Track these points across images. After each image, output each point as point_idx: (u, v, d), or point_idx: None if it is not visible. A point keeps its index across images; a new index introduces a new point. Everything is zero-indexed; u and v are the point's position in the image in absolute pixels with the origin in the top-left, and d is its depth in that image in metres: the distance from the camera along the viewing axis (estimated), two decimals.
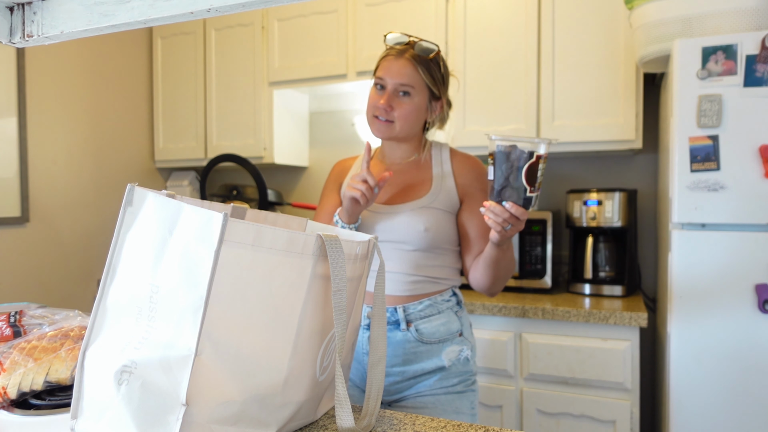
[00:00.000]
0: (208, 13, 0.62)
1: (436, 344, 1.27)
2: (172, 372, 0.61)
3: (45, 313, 1.02)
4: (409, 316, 1.27)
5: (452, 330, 1.29)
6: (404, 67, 1.26)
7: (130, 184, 0.68)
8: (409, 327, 1.27)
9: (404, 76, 1.25)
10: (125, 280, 0.67)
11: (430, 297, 1.28)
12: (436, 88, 1.29)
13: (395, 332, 1.28)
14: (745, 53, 1.50)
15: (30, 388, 0.80)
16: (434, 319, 1.28)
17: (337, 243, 0.73)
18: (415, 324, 1.27)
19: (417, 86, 1.26)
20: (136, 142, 2.97)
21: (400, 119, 1.27)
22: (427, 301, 1.28)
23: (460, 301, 1.35)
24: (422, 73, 1.26)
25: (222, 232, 0.61)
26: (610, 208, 2.06)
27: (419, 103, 1.28)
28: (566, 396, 1.87)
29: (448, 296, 1.31)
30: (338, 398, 0.74)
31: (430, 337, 1.27)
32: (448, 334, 1.28)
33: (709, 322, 1.55)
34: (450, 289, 1.32)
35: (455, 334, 1.30)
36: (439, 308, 1.29)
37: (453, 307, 1.31)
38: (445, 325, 1.28)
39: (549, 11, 2.13)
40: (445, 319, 1.29)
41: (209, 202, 0.84)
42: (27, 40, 0.74)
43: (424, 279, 1.28)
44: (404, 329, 1.27)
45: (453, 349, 1.29)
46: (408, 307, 1.27)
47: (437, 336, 1.27)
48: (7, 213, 2.35)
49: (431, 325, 1.27)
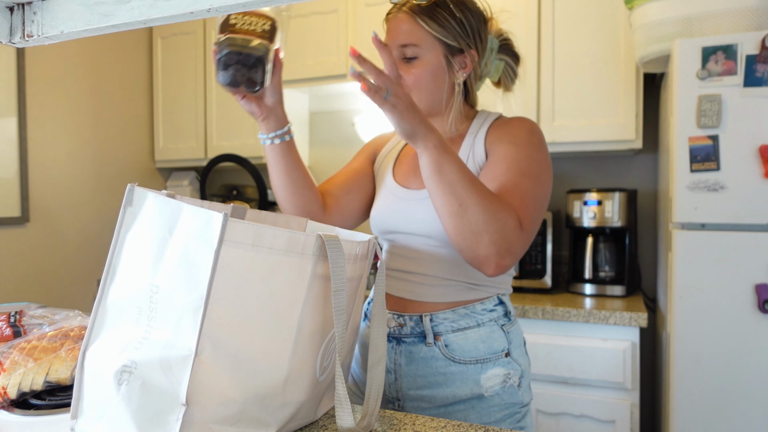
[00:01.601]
0: (208, 13, 0.62)
1: (472, 365, 1.01)
2: (172, 372, 0.61)
3: (45, 313, 1.02)
4: (437, 327, 1.02)
5: (495, 349, 1.02)
6: (401, 23, 1.01)
7: (130, 184, 0.68)
8: (437, 341, 1.02)
9: (402, 35, 1.01)
10: (125, 280, 0.67)
11: (466, 305, 1.03)
12: (452, 38, 1.02)
13: (419, 346, 1.03)
14: (745, 53, 1.50)
15: (30, 388, 0.80)
16: (471, 332, 1.02)
17: (337, 243, 0.73)
18: (445, 338, 1.02)
19: (422, 43, 1.01)
20: (136, 142, 2.97)
21: (413, 87, 1.02)
22: (462, 310, 1.02)
23: (509, 312, 1.07)
24: (425, 23, 1.00)
25: (222, 232, 0.61)
26: (610, 208, 2.06)
27: (431, 62, 1.01)
28: (566, 396, 1.87)
29: (492, 305, 1.04)
30: (338, 398, 0.74)
31: (464, 356, 1.01)
32: (489, 353, 1.01)
33: (709, 322, 1.55)
34: (495, 296, 1.06)
35: (500, 354, 1.02)
36: (478, 319, 1.02)
37: (498, 320, 1.04)
38: (486, 342, 1.02)
39: (549, 11, 2.13)
40: (487, 334, 1.02)
41: (209, 202, 0.84)
42: (27, 40, 0.74)
43: (459, 283, 1.03)
44: (430, 343, 1.02)
45: (496, 372, 1.01)
46: (436, 315, 1.02)
47: (474, 354, 1.01)
48: (7, 213, 2.35)
49: (467, 340, 1.01)
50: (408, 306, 1.06)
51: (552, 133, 2.13)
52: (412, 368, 1.03)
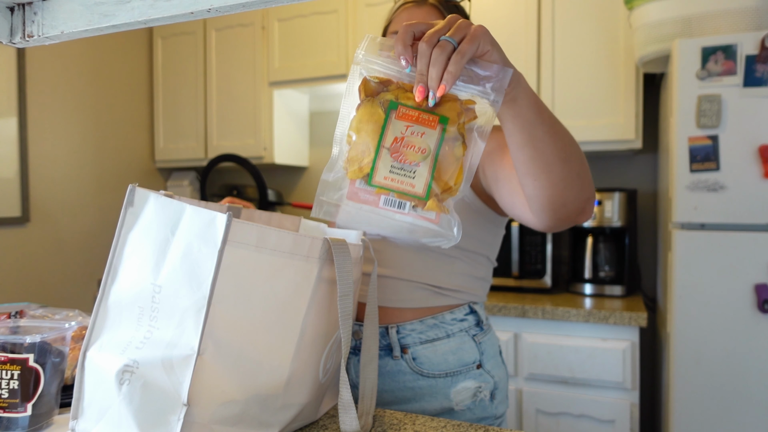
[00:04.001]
0: (208, 13, 0.62)
1: (441, 378, 0.96)
2: (174, 372, 0.61)
3: (45, 313, 1.02)
4: (404, 339, 0.97)
5: (466, 361, 0.97)
6: (429, 15, 0.95)
7: (131, 184, 0.68)
8: (405, 354, 0.96)
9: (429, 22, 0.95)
10: (127, 281, 0.67)
11: (435, 315, 0.98)
12: None
13: (386, 360, 0.97)
14: (745, 53, 1.50)
15: None
16: (440, 344, 0.97)
17: (345, 247, 0.73)
18: (413, 350, 0.96)
19: None
20: (136, 142, 2.97)
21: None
22: (431, 320, 0.97)
23: (481, 321, 1.02)
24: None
25: (226, 232, 0.62)
26: (610, 208, 2.06)
27: None
28: (566, 396, 1.87)
29: (462, 314, 1.00)
30: (342, 404, 0.74)
31: (433, 369, 0.96)
32: (459, 365, 0.97)
33: (709, 322, 1.55)
34: (466, 305, 1.01)
35: (471, 366, 0.98)
36: (447, 330, 0.98)
37: (469, 330, 0.99)
38: (456, 354, 0.97)
39: (549, 11, 2.13)
40: (457, 346, 0.97)
41: (205, 202, 0.84)
42: (27, 41, 0.74)
43: (426, 287, 0.98)
44: (397, 357, 0.97)
45: (466, 386, 0.97)
46: (403, 327, 0.97)
47: (444, 368, 0.96)
48: (7, 213, 2.35)
49: (436, 352, 0.96)
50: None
51: None
52: (378, 383, 0.98)
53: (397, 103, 0.58)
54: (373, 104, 0.58)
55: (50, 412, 0.76)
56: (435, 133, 0.57)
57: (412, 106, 0.59)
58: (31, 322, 0.81)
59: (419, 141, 0.57)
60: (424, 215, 0.60)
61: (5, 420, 0.72)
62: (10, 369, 0.72)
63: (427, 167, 0.57)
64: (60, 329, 0.77)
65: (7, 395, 0.72)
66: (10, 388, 0.72)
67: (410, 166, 0.57)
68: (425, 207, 0.59)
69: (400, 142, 0.57)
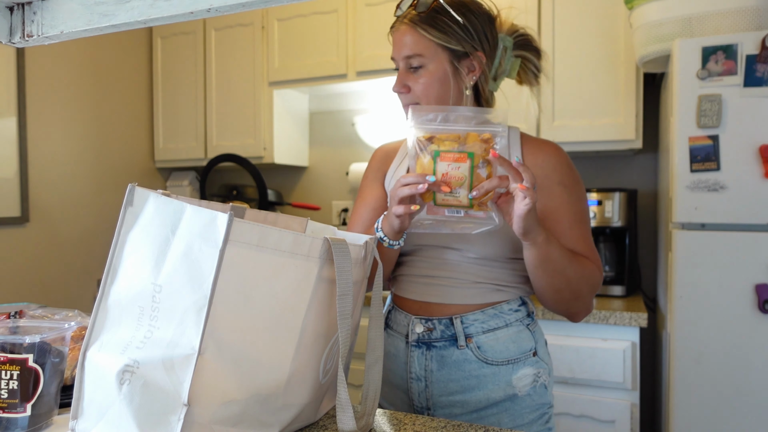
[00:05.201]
0: (208, 13, 0.62)
1: (504, 366, 1.01)
2: (174, 371, 0.61)
3: (45, 313, 1.02)
4: (468, 329, 1.01)
5: (524, 348, 1.02)
6: (404, 35, 1.02)
7: (131, 184, 0.68)
8: (469, 343, 1.01)
9: (406, 46, 1.02)
10: (126, 280, 0.67)
11: (494, 306, 1.03)
12: (456, 43, 1.01)
13: (451, 350, 1.02)
14: (745, 53, 1.50)
15: None
16: (501, 333, 1.02)
17: (344, 247, 0.73)
18: (476, 339, 1.01)
19: (426, 51, 1.01)
20: (136, 142, 2.97)
21: (422, 97, 1.03)
22: (491, 311, 1.03)
23: (532, 312, 1.08)
24: (426, 32, 1.00)
25: (227, 231, 0.61)
26: (610, 208, 2.06)
27: (436, 70, 1.02)
28: (566, 396, 1.87)
29: (517, 305, 1.05)
30: (340, 403, 0.74)
31: (496, 357, 1.01)
32: (519, 353, 1.02)
33: (709, 322, 1.55)
34: (518, 297, 1.06)
35: (528, 354, 1.03)
36: (506, 319, 1.03)
37: (523, 319, 1.05)
38: (515, 342, 1.02)
39: (549, 11, 2.13)
40: (515, 334, 1.03)
41: (207, 202, 0.84)
42: (27, 40, 0.74)
43: (486, 286, 1.04)
44: (462, 346, 1.01)
45: (526, 372, 1.02)
46: (466, 317, 1.02)
47: (506, 355, 1.01)
48: (7, 213, 2.35)
49: (498, 340, 1.01)
50: (435, 309, 1.04)
51: (552, 133, 2.12)
52: (444, 373, 1.02)
53: (438, 151, 0.89)
54: (425, 155, 0.90)
55: (50, 413, 0.76)
56: (466, 165, 0.87)
57: (447, 150, 0.88)
58: (30, 323, 0.81)
59: (457, 172, 0.88)
60: (473, 214, 0.90)
61: (5, 420, 0.72)
62: (9, 369, 0.72)
63: (466, 187, 0.88)
64: (59, 329, 0.77)
65: (6, 395, 0.72)
66: (9, 389, 0.72)
67: (456, 190, 0.88)
68: (474, 209, 0.89)
69: (446, 176, 0.88)
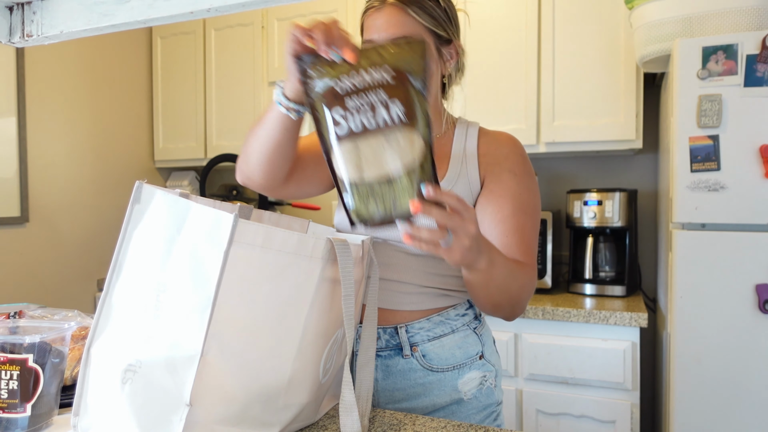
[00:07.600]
0: (208, 13, 0.62)
1: (449, 371, 1.01)
2: (176, 372, 0.61)
3: (44, 313, 1.02)
4: (413, 338, 1.00)
5: (470, 353, 1.02)
6: (391, 16, 0.95)
7: (139, 181, 0.68)
8: (414, 352, 1.01)
9: (395, 27, 0.95)
10: (131, 278, 0.67)
11: (440, 312, 1.02)
12: (442, 29, 0.98)
13: (396, 359, 1.01)
14: (746, 53, 1.50)
15: None
16: (446, 340, 1.01)
17: (347, 248, 0.73)
18: (422, 348, 1.01)
19: (415, 34, 0.96)
20: (136, 142, 2.96)
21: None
22: (437, 318, 1.01)
23: (479, 315, 1.07)
24: (416, 14, 0.96)
25: (232, 232, 0.61)
26: (610, 208, 2.06)
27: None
28: (566, 396, 1.87)
29: (463, 310, 1.04)
30: (345, 405, 0.73)
31: (441, 364, 1.01)
32: (465, 358, 1.01)
33: (710, 322, 1.55)
34: (465, 301, 1.05)
35: (474, 358, 1.02)
36: (452, 326, 1.02)
37: (470, 323, 1.04)
38: (462, 348, 1.02)
39: (549, 11, 2.13)
40: (461, 339, 1.02)
41: (219, 202, 0.84)
42: (26, 40, 0.74)
43: (433, 291, 1.02)
44: (407, 355, 1.00)
45: (472, 376, 1.02)
46: (411, 326, 1.01)
47: (451, 362, 1.01)
48: (6, 213, 2.35)
49: (443, 348, 1.01)
50: (381, 317, 1.03)
51: (552, 133, 2.12)
52: (389, 382, 1.02)
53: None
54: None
55: (50, 413, 0.76)
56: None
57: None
58: (30, 323, 0.81)
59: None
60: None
61: (4, 420, 0.72)
62: (9, 369, 0.71)
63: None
64: (59, 329, 0.77)
65: (6, 395, 0.71)
66: (9, 389, 0.71)
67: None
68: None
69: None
